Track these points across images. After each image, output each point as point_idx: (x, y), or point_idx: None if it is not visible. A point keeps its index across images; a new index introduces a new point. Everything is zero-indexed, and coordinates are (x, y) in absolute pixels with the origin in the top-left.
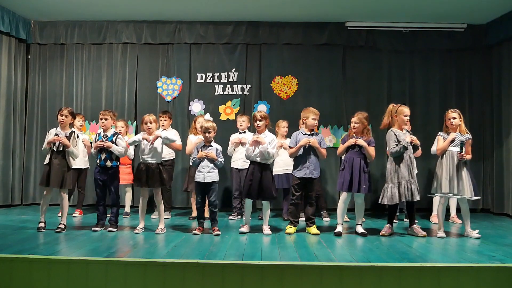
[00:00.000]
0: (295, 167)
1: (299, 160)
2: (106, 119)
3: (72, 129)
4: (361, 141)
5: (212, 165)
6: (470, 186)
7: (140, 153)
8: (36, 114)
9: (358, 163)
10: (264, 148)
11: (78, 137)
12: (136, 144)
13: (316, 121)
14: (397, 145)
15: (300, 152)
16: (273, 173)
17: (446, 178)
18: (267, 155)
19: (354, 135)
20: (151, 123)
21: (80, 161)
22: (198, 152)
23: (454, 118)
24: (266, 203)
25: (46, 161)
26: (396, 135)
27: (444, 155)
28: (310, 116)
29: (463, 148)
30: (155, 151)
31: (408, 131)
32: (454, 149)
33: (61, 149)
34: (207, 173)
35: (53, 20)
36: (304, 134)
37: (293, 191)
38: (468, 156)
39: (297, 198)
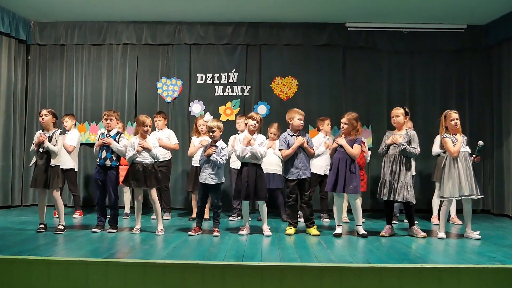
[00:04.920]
0: (286, 169)
1: (291, 162)
2: (111, 120)
3: (57, 129)
4: (340, 141)
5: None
6: (477, 185)
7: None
8: (36, 115)
9: (344, 163)
10: (254, 150)
11: (60, 133)
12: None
13: (302, 121)
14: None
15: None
16: None
17: (466, 180)
18: (259, 156)
19: (343, 135)
20: (150, 126)
21: (67, 162)
22: (205, 151)
23: (457, 119)
24: (262, 203)
25: (31, 163)
26: (385, 136)
27: (458, 157)
28: (296, 116)
29: (480, 151)
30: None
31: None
32: (464, 149)
33: (44, 149)
34: (209, 175)
35: (53, 20)
36: (291, 136)
37: (288, 193)
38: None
39: (293, 199)
